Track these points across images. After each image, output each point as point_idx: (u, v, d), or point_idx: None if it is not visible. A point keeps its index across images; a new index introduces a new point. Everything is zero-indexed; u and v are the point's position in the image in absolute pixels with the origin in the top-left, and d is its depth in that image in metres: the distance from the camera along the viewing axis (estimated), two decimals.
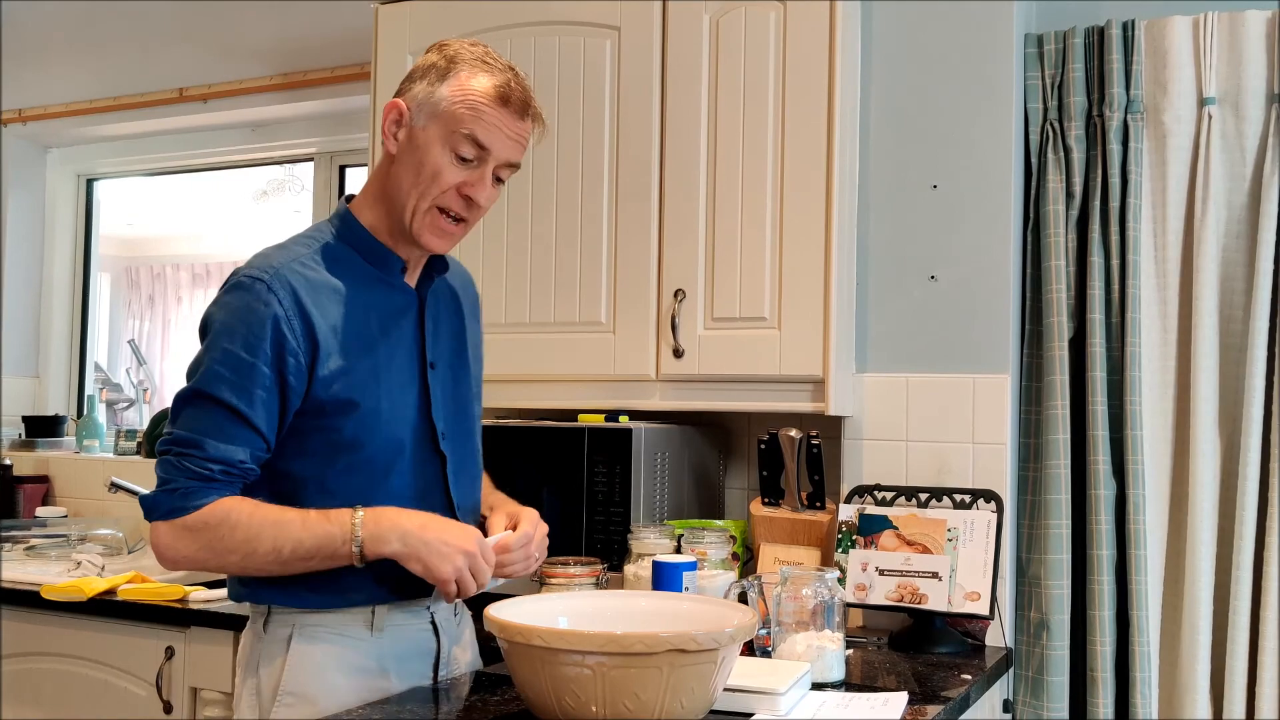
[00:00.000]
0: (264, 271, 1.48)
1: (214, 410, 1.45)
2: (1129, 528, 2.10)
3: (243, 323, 1.46)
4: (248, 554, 1.45)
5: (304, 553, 1.45)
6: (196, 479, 1.44)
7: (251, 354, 1.45)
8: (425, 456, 1.59)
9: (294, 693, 1.52)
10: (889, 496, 2.17)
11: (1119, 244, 2.16)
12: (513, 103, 1.52)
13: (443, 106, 1.51)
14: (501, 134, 1.52)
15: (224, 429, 1.45)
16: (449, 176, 1.51)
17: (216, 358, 1.46)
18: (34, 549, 2.99)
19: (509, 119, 1.52)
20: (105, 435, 3.62)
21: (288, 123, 3.45)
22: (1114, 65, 2.16)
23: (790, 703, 1.49)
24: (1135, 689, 2.08)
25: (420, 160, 1.51)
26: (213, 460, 1.44)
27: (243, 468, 1.46)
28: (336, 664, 1.53)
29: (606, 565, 2.02)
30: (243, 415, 1.45)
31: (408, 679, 1.58)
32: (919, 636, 2.04)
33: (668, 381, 2.28)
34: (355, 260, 1.57)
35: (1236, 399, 2.09)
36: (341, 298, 1.53)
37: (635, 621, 1.45)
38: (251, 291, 1.47)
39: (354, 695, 1.53)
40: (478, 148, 1.51)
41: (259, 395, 1.45)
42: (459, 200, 1.53)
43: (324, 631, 1.54)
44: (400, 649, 1.58)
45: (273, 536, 1.44)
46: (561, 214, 2.38)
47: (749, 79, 2.23)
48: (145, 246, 5.86)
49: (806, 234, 2.16)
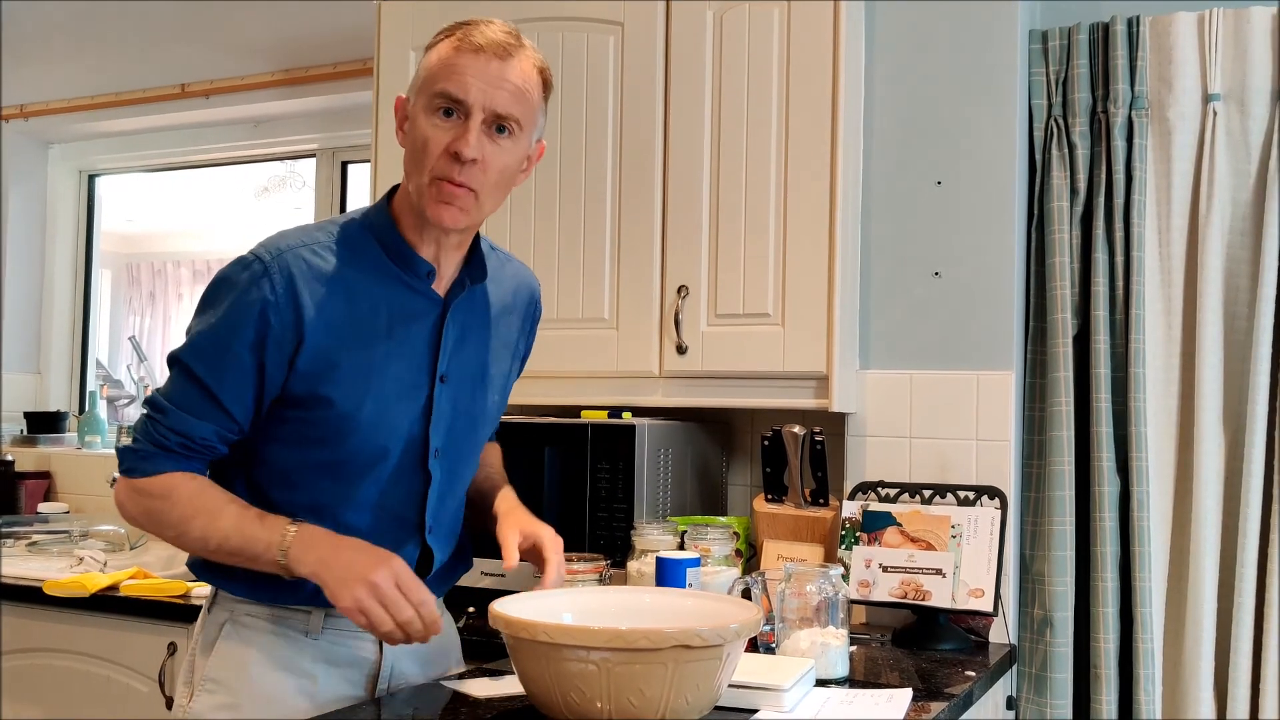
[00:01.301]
0: (268, 252, 1.45)
1: (187, 382, 1.43)
2: (1133, 524, 2.10)
3: (233, 302, 1.43)
4: (180, 533, 1.44)
5: (229, 549, 1.42)
6: (155, 445, 1.43)
7: (232, 333, 1.42)
8: (409, 472, 1.52)
9: (215, 680, 1.51)
10: (892, 493, 2.17)
11: (1123, 240, 2.16)
12: (485, 48, 1.43)
13: (420, 79, 1.47)
14: (474, 81, 1.42)
15: (192, 403, 1.43)
16: (436, 140, 1.43)
17: (203, 330, 1.44)
18: (36, 545, 2.99)
19: (483, 63, 1.43)
20: (107, 431, 3.62)
21: (290, 119, 3.45)
22: (1119, 61, 2.16)
23: (794, 699, 1.48)
24: (1139, 686, 2.07)
25: (414, 136, 1.46)
26: (172, 431, 1.43)
27: (203, 444, 1.44)
28: (262, 659, 1.50)
29: (610, 561, 2.02)
30: (212, 393, 1.43)
31: (336, 686, 1.52)
32: (922, 633, 2.04)
33: (671, 378, 2.27)
34: (375, 253, 1.50)
35: (1240, 395, 2.08)
36: (347, 290, 1.46)
37: (639, 618, 1.45)
38: (249, 270, 1.44)
39: (275, 692, 1.49)
40: (453, 101, 1.43)
41: (231, 377, 1.42)
42: (448, 161, 1.43)
43: (257, 624, 1.51)
44: (333, 654, 1.52)
45: (203, 524, 1.42)
46: (564, 210, 2.37)
47: (752, 75, 2.22)
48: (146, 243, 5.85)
49: (810, 230, 2.16)
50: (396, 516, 1.53)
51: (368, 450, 1.48)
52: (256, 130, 3.52)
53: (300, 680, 1.50)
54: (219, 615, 1.53)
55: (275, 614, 1.51)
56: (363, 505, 1.50)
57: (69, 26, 3.59)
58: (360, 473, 1.49)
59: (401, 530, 1.54)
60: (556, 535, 1.60)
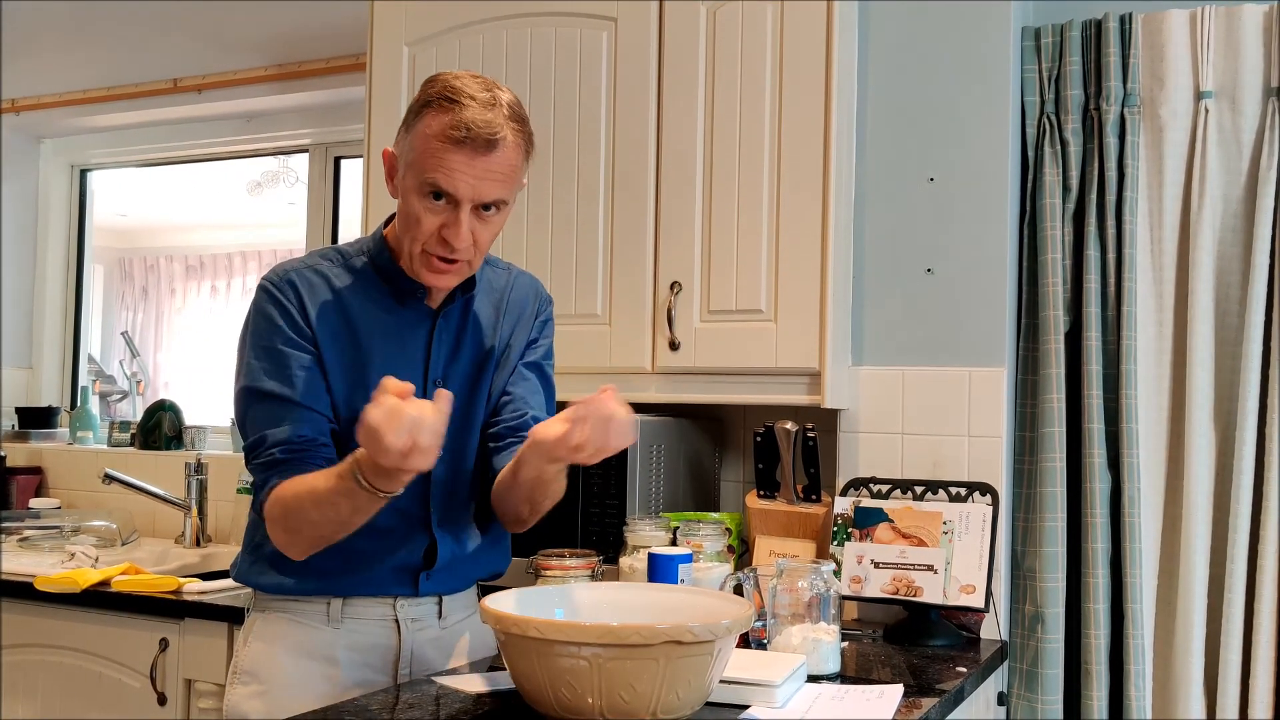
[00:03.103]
0: (274, 274, 1.59)
1: (262, 402, 1.52)
2: (1124, 521, 2.10)
3: (264, 319, 1.55)
4: (313, 524, 1.46)
5: (346, 512, 1.42)
6: (267, 470, 1.50)
7: (280, 343, 1.53)
8: None
9: (248, 671, 1.60)
10: (885, 489, 2.17)
11: (1115, 238, 2.16)
12: (470, 141, 1.45)
13: (411, 156, 1.50)
14: (463, 177, 1.47)
15: (275, 415, 1.51)
16: (427, 224, 1.50)
17: (251, 355, 1.55)
18: (27, 540, 2.99)
19: (468, 159, 1.46)
20: (99, 427, 3.61)
21: (282, 114, 3.44)
22: (1111, 59, 2.16)
23: (786, 695, 1.49)
24: (1129, 682, 2.08)
25: (404, 209, 1.54)
26: (274, 446, 1.50)
27: (304, 441, 1.50)
28: (287, 647, 1.59)
29: (602, 557, 2.01)
30: (288, 399, 1.51)
31: (359, 671, 1.60)
32: (914, 629, 2.04)
33: (664, 374, 2.27)
34: (371, 275, 1.62)
35: (1231, 393, 2.09)
36: (344, 306, 1.58)
37: (631, 613, 1.46)
38: (265, 293, 1.57)
39: (300, 679, 1.57)
40: (443, 192, 1.49)
41: (299, 375, 1.52)
42: (439, 243, 1.51)
43: (282, 616, 1.61)
44: (355, 640, 1.61)
45: (313, 504, 1.45)
46: (557, 206, 2.37)
47: (746, 71, 2.22)
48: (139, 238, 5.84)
49: (803, 227, 2.16)
50: (403, 512, 1.59)
51: None
52: (249, 125, 3.52)
53: (323, 666, 1.59)
54: (254, 615, 1.65)
55: (299, 605, 1.60)
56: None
57: (61, 20, 3.57)
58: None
59: (408, 524, 1.61)
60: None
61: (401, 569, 1.62)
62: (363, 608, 1.61)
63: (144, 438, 3.36)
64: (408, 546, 1.62)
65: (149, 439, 3.35)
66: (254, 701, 1.58)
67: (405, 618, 1.63)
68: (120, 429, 3.49)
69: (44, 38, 3.62)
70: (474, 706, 1.45)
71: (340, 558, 1.55)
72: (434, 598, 1.66)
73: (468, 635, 1.73)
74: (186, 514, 3.06)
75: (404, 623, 1.63)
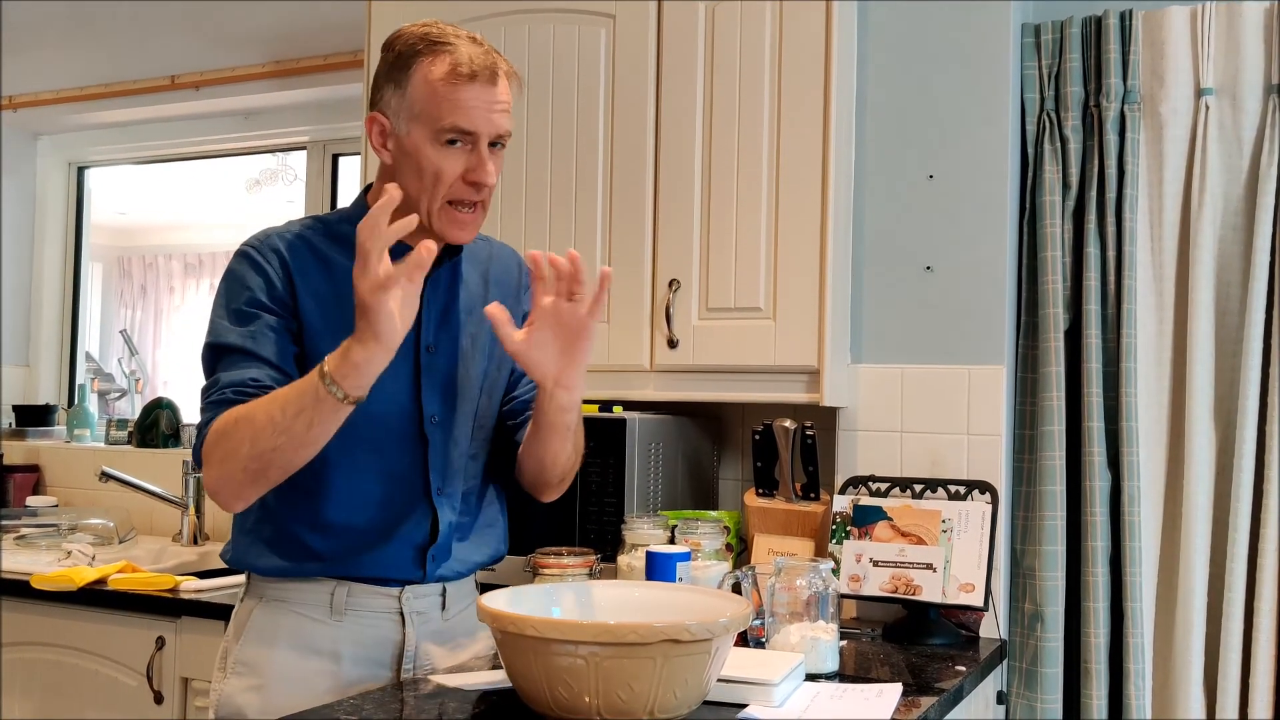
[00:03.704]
0: (255, 239, 1.56)
1: (223, 354, 1.49)
2: (1124, 519, 2.10)
3: (238, 283, 1.53)
4: (254, 438, 1.39)
5: (297, 410, 1.37)
6: (213, 407, 1.46)
7: (250, 305, 1.51)
8: (409, 439, 1.57)
9: (244, 662, 1.56)
10: (883, 488, 2.16)
11: (1115, 235, 2.15)
12: (479, 75, 1.49)
13: (417, 108, 1.50)
14: (479, 112, 1.49)
15: (234, 363, 1.48)
16: (450, 170, 1.50)
17: (220, 315, 1.52)
18: (24, 538, 2.98)
19: (482, 92, 1.49)
20: (96, 425, 3.60)
21: (280, 111, 3.43)
22: (1111, 55, 2.15)
23: (784, 694, 1.48)
24: (1129, 681, 2.08)
25: (418, 165, 1.51)
26: (226, 386, 1.46)
27: (255, 385, 1.46)
28: (289, 640, 1.55)
29: (600, 556, 2.00)
30: (249, 350, 1.48)
31: (362, 666, 1.55)
32: (913, 628, 2.03)
33: (662, 372, 2.27)
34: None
35: (1232, 391, 2.08)
36: (329, 269, 1.55)
37: (629, 612, 1.45)
38: (245, 258, 1.54)
39: (300, 674, 1.53)
40: (464, 134, 1.50)
41: (264, 333, 1.49)
42: (468, 189, 1.52)
43: (284, 606, 1.56)
44: (358, 634, 1.56)
45: (265, 408, 1.40)
46: (555, 202, 2.37)
47: (745, 68, 2.21)
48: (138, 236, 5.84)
49: (802, 224, 2.15)
50: (404, 480, 1.57)
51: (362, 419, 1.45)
52: (247, 122, 3.51)
53: (324, 662, 1.54)
54: (250, 602, 1.59)
55: (301, 593, 1.55)
56: (367, 470, 1.55)
57: (58, 17, 3.57)
58: (358, 441, 1.51)
59: (411, 493, 1.58)
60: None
61: (406, 545, 1.57)
62: (367, 598, 1.56)
63: (141, 436, 3.36)
64: (412, 519, 1.57)
65: (146, 437, 3.34)
66: (250, 696, 1.53)
67: (411, 610, 1.58)
68: (118, 427, 3.48)
69: (41, 35, 3.61)
70: (472, 705, 1.44)
71: (342, 538, 1.53)
72: (438, 585, 1.61)
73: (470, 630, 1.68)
74: (184, 512, 3.06)
75: (409, 616, 1.58)
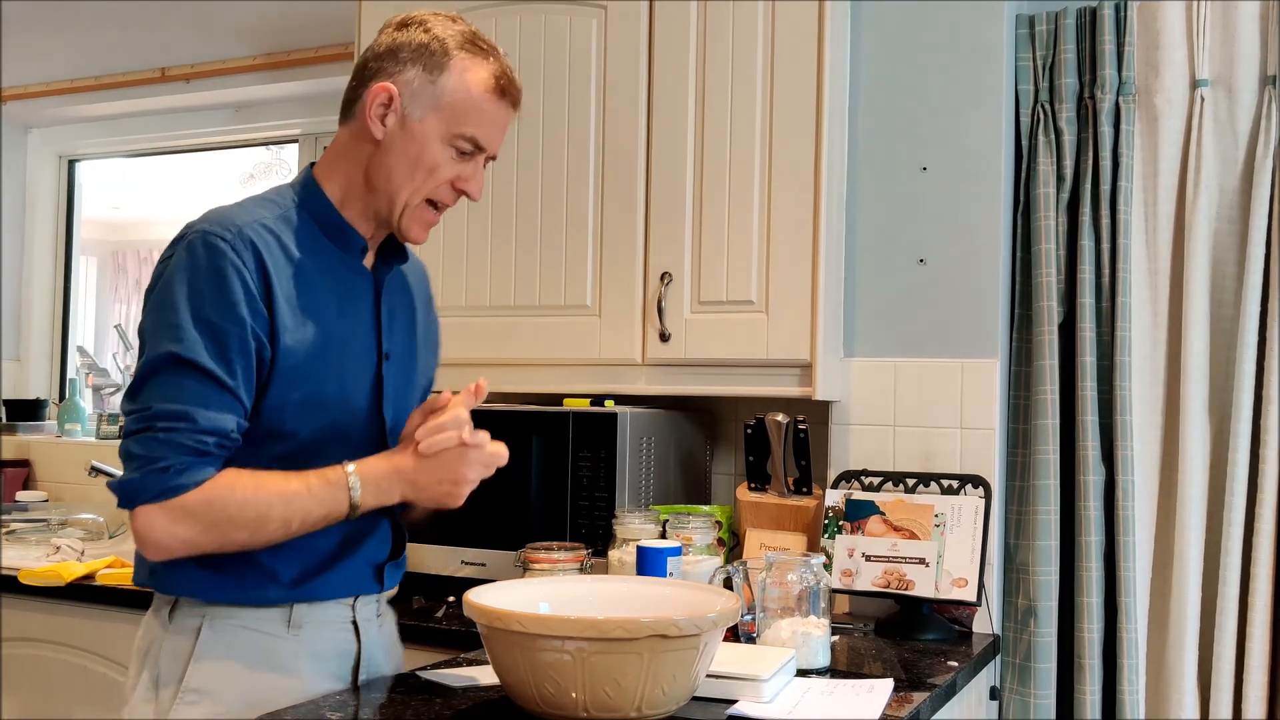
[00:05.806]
0: (227, 230, 1.38)
1: (197, 378, 1.34)
2: (1118, 513, 2.09)
3: (213, 285, 1.36)
4: (256, 530, 1.35)
5: (313, 521, 1.38)
6: (191, 454, 1.33)
7: (226, 319, 1.35)
8: (369, 450, 1.47)
9: (198, 690, 1.42)
10: (876, 482, 2.15)
11: (1109, 228, 2.14)
12: (510, 95, 1.49)
13: (445, 100, 1.44)
14: (499, 131, 1.50)
15: (210, 398, 1.34)
16: (445, 171, 1.47)
17: (189, 321, 1.35)
18: (13, 534, 2.97)
19: (506, 114, 1.50)
20: (86, 419, 3.59)
21: (272, 104, 3.41)
22: (1106, 47, 2.14)
23: (774, 689, 1.47)
24: (1122, 675, 2.07)
25: (417, 154, 1.45)
26: (207, 432, 1.33)
27: (232, 439, 1.37)
28: (247, 660, 1.43)
29: (591, 550, 2.00)
30: (224, 383, 1.35)
31: (323, 681, 1.48)
32: (905, 623, 2.02)
33: (654, 366, 2.25)
34: (315, 234, 1.47)
35: (1227, 384, 2.07)
36: (299, 270, 1.43)
37: (618, 607, 1.43)
38: (216, 251, 1.37)
39: (263, 694, 1.42)
40: (476, 146, 1.48)
41: (238, 361, 1.36)
42: (452, 193, 1.50)
43: (236, 625, 1.43)
44: (318, 648, 1.48)
45: (282, 510, 1.36)
46: (546, 196, 2.35)
47: (737, 59, 2.20)
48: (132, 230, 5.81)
49: (794, 217, 2.14)
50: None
51: (332, 430, 1.44)
52: (238, 115, 3.49)
53: (287, 679, 1.45)
54: (186, 622, 1.44)
55: (253, 611, 1.44)
56: None
57: (47, 9, 3.54)
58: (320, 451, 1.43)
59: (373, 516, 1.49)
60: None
61: (366, 562, 1.52)
62: (323, 610, 1.48)
63: None
64: (376, 534, 1.52)
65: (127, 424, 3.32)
66: None
67: (361, 619, 1.53)
68: (109, 421, 3.46)
69: (31, 26, 3.59)
70: (456, 701, 1.43)
71: (301, 562, 1.44)
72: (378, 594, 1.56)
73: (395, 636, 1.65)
74: None
75: (361, 624, 1.53)
